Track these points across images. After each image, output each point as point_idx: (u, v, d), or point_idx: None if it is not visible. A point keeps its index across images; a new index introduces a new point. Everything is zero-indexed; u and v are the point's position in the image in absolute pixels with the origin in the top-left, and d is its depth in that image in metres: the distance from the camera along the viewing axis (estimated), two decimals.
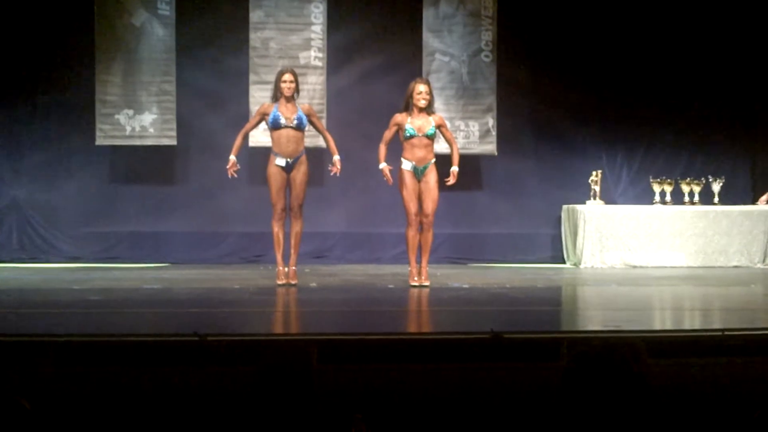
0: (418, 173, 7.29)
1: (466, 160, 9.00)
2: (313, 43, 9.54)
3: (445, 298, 6.83)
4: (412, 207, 7.28)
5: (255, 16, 9.49)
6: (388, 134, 7.40)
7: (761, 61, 10.09)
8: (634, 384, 2.43)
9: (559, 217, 9.90)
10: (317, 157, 8.62)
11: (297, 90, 7.41)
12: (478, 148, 9.73)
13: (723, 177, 9.79)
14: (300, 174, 7.32)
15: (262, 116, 7.41)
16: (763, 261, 9.46)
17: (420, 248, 7.38)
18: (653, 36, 10.00)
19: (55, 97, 9.54)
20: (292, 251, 7.41)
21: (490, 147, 9.74)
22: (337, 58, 9.75)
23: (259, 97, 9.05)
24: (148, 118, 9.37)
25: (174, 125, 9.40)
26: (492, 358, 4.44)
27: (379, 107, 9.04)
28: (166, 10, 9.40)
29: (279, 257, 7.41)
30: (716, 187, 9.71)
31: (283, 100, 7.32)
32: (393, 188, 7.48)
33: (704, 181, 9.74)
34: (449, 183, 7.37)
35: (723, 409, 4.04)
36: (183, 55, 9.50)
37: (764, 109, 10.18)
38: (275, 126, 7.29)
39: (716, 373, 4.40)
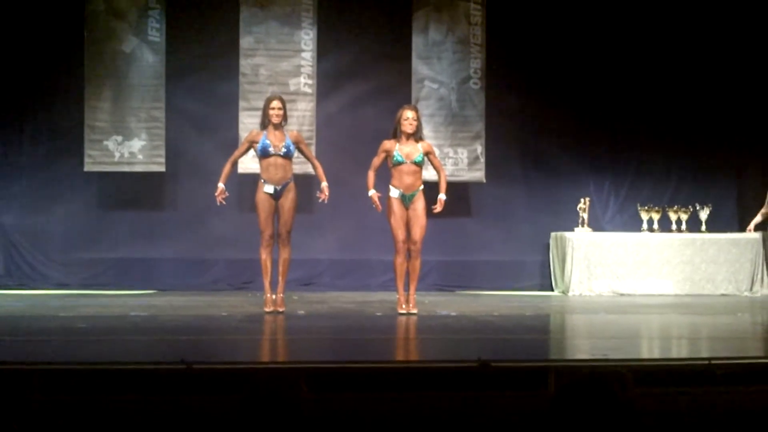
0: (406, 200, 7.30)
1: (455, 187, 9.04)
2: (302, 69, 9.58)
3: (433, 326, 6.82)
4: (400, 234, 7.28)
5: (245, 42, 9.54)
6: (376, 161, 7.41)
7: (747, 90, 10.18)
8: (621, 413, 2.43)
9: (548, 245, 9.93)
10: (306, 184, 8.64)
11: (285, 117, 7.43)
12: (466, 175, 9.76)
13: (710, 205, 9.85)
14: (288, 201, 7.32)
15: (251, 144, 7.42)
16: (750, 289, 9.49)
17: (408, 276, 7.38)
18: (641, 64, 10.09)
19: (43, 123, 9.54)
20: (280, 278, 7.39)
21: (478, 174, 9.78)
22: (327, 84, 9.80)
23: (248, 123, 9.07)
24: (137, 144, 9.38)
25: (163, 151, 9.40)
26: (479, 387, 4.43)
27: (368, 134, 9.08)
28: (156, 36, 9.43)
29: (267, 284, 7.39)
30: (703, 215, 9.77)
31: (271, 128, 7.33)
32: (382, 215, 7.49)
33: (692, 209, 9.79)
34: (436, 211, 7.38)
35: None
36: (172, 81, 9.52)
37: (750, 137, 10.26)
38: (264, 154, 7.30)
39: (703, 402, 4.40)
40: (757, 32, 10.07)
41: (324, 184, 7.42)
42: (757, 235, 9.51)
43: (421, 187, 7.38)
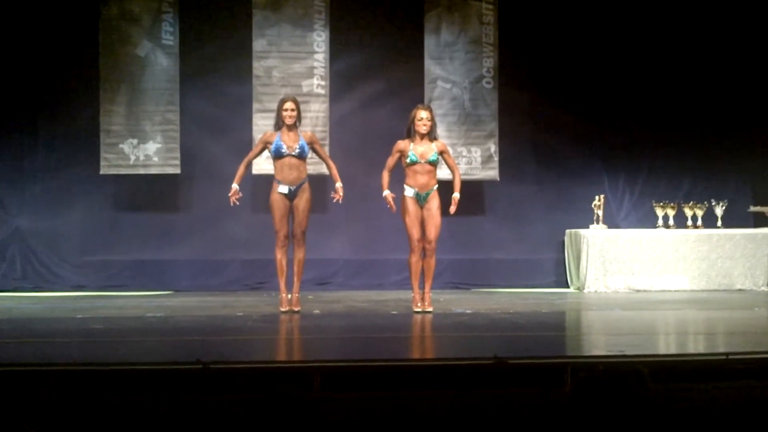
0: (421, 199, 7.31)
1: (469, 186, 9.02)
2: (315, 71, 9.60)
3: (449, 324, 6.82)
4: (415, 233, 7.29)
5: (258, 45, 9.56)
6: (390, 161, 7.43)
7: (761, 86, 10.13)
8: (638, 409, 2.43)
9: (563, 242, 9.91)
10: (320, 185, 8.65)
11: (299, 118, 7.45)
12: (480, 174, 9.76)
13: (725, 200, 9.80)
14: (303, 201, 7.34)
15: (265, 145, 7.45)
16: (767, 284, 9.44)
17: (423, 274, 7.38)
18: (653, 60, 10.05)
19: (59, 127, 9.59)
20: (295, 278, 7.41)
21: (492, 173, 9.77)
22: (340, 85, 9.81)
23: (262, 125, 9.10)
24: (152, 147, 9.42)
25: (178, 154, 9.44)
26: (496, 384, 4.43)
27: (381, 134, 9.08)
28: (170, 40, 9.47)
29: (282, 284, 7.42)
30: (719, 210, 9.71)
31: (285, 129, 7.36)
32: (396, 215, 7.50)
33: (707, 205, 9.74)
34: (452, 211, 7.38)
35: None
36: (186, 84, 9.56)
37: (764, 132, 10.20)
38: (278, 154, 7.33)
39: (720, 398, 4.39)
40: None
41: (338, 184, 7.44)
42: None
43: (436, 186, 7.39)
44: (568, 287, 9.72)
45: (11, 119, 9.55)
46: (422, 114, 7.34)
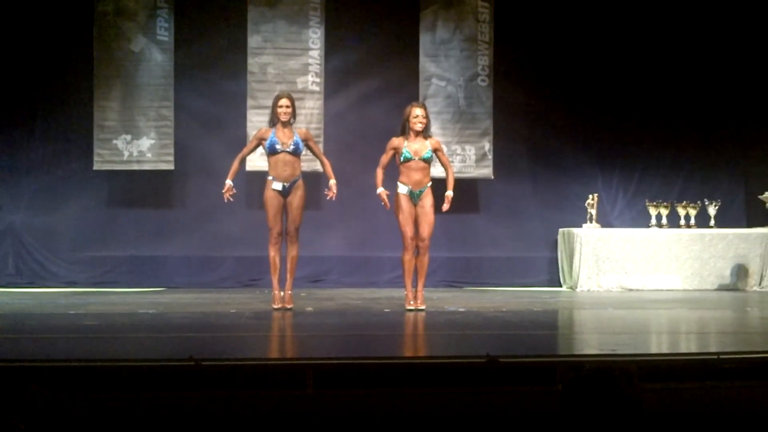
0: (415, 197, 7.31)
1: (463, 184, 9.04)
2: (310, 68, 9.60)
3: (441, 322, 6.82)
4: (409, 231, 7.29)
5: (253, 41, 9.55)
6: (384, 158, 7.42)
7: (754, 86, 10.16)
8: (629, 408, 2.43)
9: (556, 241, 9.93)
10: (314, 182, 8.65)
11: (294, 115, 7.44)
12: (474, 172, 9.77)
13: (719, 200, 9.83)
14: (297, 198, 7.34)
15: (260, 141, 7.44)
16: (759, 284, 9.47)
17: (416, 272, 7.38)
18: (648, 60, 10.08)
19: (53, 122, 9.58)
20: (288, 275, 7.41)
21: (486, 171, 9.78)
22: (335, 82, 9.81)
23: (256, 121, 9.09)
24: (146, 143, 9.41)
25: (172, 150, 9.43)
26: (488, 383, 4.44)
27: (376, 131, 9.09)
28: (165, 35, 9.46)
29: (275, 281, 7.41)
30: (712, 210, 9.74)
31: (279, 125, 7.35)
32: (389, 212, 7.50)
33: (700, 205, 9.77)
34: (445, 209, 7.38)
35: None
36: (181, 80, 9.55)
37: (759, 132, 10.23)
38: (272, 151, 7.32)
39: (711, 397, 4.40)
40: (765, 30, 10.03)
41: (332, 182, 7.44)
42: (766, 230, 9.50)
43: (429, 183, 7.39)
44: (561, 286, 9.74)
45: (5, 115, 9.54)
46: (417, 111, 7.33)
